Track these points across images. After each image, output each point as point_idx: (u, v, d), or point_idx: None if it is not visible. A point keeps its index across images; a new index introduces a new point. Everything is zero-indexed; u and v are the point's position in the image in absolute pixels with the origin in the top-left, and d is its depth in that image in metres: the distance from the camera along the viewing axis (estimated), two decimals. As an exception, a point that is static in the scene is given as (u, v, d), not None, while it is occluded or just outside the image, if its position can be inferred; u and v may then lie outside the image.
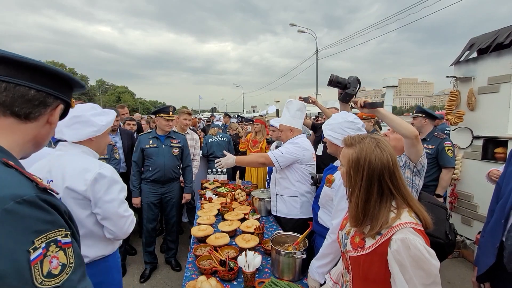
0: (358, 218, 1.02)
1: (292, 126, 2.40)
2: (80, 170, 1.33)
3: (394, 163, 1.00)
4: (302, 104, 2.42)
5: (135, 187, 3.03)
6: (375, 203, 0.99)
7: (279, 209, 2.43)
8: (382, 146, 1.02)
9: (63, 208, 0.65)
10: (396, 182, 0.99)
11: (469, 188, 3.62)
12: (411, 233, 0.92)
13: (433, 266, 0.89)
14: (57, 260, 0.58)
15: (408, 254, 0.89)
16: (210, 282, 1.45)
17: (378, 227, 0.97)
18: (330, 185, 1.67)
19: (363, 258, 1.01)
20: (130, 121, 4.15)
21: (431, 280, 0.90)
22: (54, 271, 0.57)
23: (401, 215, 0.96)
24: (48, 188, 0.64)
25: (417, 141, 1.46)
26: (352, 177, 1.03)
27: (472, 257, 3.34)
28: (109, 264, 1.46)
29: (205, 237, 2.03)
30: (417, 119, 3.11)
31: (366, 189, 0.99)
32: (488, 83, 3.39)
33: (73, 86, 0.81)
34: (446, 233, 1.45)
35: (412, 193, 1.56)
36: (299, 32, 19.02)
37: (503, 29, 3.37)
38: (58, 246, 0.59)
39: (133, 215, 1.50)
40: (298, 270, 1.63)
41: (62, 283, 0.57)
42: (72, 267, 0.61)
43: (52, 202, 0.62)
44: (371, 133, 3.32)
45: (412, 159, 1.55)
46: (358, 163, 1.01)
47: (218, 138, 4.43)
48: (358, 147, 1.04)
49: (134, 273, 3.21)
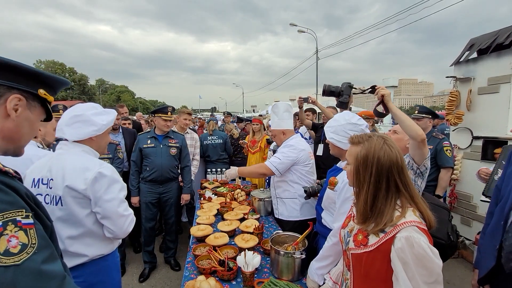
0: (366, 215, 1.03)
1: (283, 128, 2.40)
2: (81, 169, 1.33)
3: (402, 160, 1.02)
4: (287, 104, 2.43)
5: (133, 186, 3.03)
6: (382, 199, 1.00)
7: (280, 211, 2.42)
8: (390, 143, 1.04)
9: (23, 191, 0.67)
10: (405, 179, 1.01)
11: (469, 189, 3.62)
12: (416, 231, 0.92)
13: (436, 265, 0.90)
14: (17, 240, 0.59)
15: (412, 252, 0.89)
16: (209, 282, 1.45)
17: (382, 224, 0.97)
18: (333, 188, 1.66)
19: (365, 255, 1.02)
20: (125, 120, 4.09)
21: (434, 279, 0.90)
22: (12, 249, 0.57)
23: (406, 214, 0.97)
24: (9, 172, 0.66)
25: (423, 145, 1.45)
26: (360, 174, 1.04)
27: (471, 257, 3.34)
28: (108, 264, 1.46)
29: (204, 237, 2.02)
30: (423, 119, 3.04)
31: (375, 185, 1.00)
32: (488, 84, 3.40)
33: (33, 75, 0.79)
34: (448, 234, 1.44)
35: None
36: (299, 32, 19.03)
37: (503, 29, 3.37)
38: (18, 226, 0.60)
39: (132, 214, 1.50)
40: (297, 270, 1.62)
41: (22, 262, 0.58)
42: (34, 248, 0.61)
43: (11, 184, 0.63)
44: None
45: (416, 160, 1.54)
46: (367, 160, 1.02)
47: (214, 139, 4.36)
48: (367, 145, 1.04)
49: (133, 272, 3.21)
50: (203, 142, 4.33)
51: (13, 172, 0.68)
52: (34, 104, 0.81)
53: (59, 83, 0.88)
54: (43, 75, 0.80)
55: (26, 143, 0.83)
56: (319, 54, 19.00)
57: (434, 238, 1.41)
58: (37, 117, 0.83)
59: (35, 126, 0.82)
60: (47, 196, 1.33)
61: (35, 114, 0.82)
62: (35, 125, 0.82)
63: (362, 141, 1.07)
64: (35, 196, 0.71)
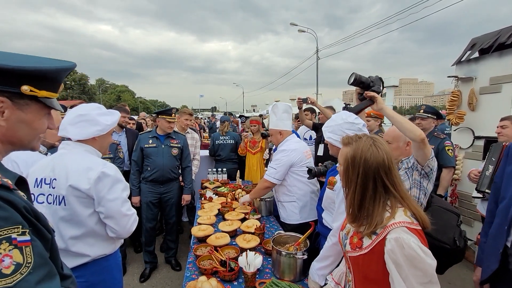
0: (354, 214, 1.04)
1: (280, 128, 2.42)
2: (84, 169, 1.33)
3: (390, 161, 1.02)
4: (287, 105, 2.45)
5: (134, 186, 3.02)
6: (369, 200, 1.00)
7: (282, 216, 2.45)
8: (378, 144, 1.04)
9: (22, 204, 0.61)
10: (392, 179, 1.01)
11: (470, 189, 3.60)
12: (405, 232, 0.92)
13: (428, 265, 0.89)
14: (10, 259, 0.55)
15: (403, 253, 0.89)
16: (210, 283, 1.44)
17: (373, 226, 0.97)
18: (332, 188, 1.66)
19: (361, 258, 1.02)
20: (129, 120, 4.13)
21: (428, 280, 0.90)
22: (5, 270, 0.53)
23: (395, 214, 0.97)
24: (5, 185, 0.61)
25: (424, 145, 1.42)
26: (348, 175, 1.05)
27: (473, 258, 3.33)
28: (110, 263, 1.46)
29: (205, 237, 2.02)
30: (428, 119, 3.01)
31: (362, 186, 1.01)
32: (490, 83, 3.38)
33: (6, 71, 0.66)
34: (455, 239, 1.42)
35: (420, 196, 1.54)
36: (299, 31, 19.01)
37: (505, 29, 3.36)
38: (13, 244, 0.55)
39: (135, 214, 1.50)
40: (299, 270, 1.62)
41: (14, 284, 0.53)
42: (29, 267, 0.57)
43: (7, 198, 0.58)
44: (376, 133, 3.29)
45: (419, 161, 1.51)
46: (354, 161, 1.03)
47: (226, 139, 4.44)
48: (355, 145, 1.06)
49: (134, 272, 3.21)
50: (215, 142, 4.41)
51: (10, 185, 0.62)
52: (25, 102, 0.71)
53: (50, 72, 0.72)
54: (20, 69, 0.66)
55: (33, 142, 0.78)
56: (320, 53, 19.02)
57: (438, 242, 1.40)
58: (35, 115, 0.74)
59: (35, 125, 0.75)
60: (50, 196, 1.33)
61: (30, 112, 0.73)
62: (34, 124, 0.75)
63: (352, 141, 1.08)
64: (34, 208, 0.66)
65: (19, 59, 0.70)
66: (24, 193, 0.72)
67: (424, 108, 3.07)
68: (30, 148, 0.77)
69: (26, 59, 0.72)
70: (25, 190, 0.74)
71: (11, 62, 0.65)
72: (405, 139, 1.71)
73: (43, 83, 0.72)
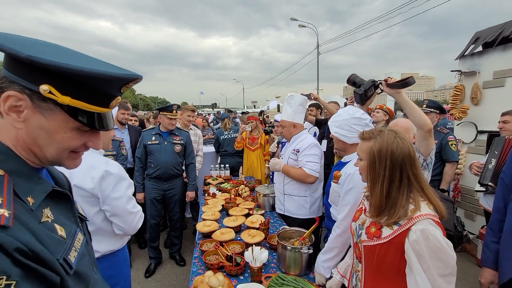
0: (381, 208, 1.04)
1: (295, 121, 2.36)
2: (87, 168, 1.32)
3: (414, 152, 1.04)
4: (304, 98, 2.37)
5: (138, 183, 3.04)
6: (396, 191, 1.01)
7: (287, 208, 2.39)
8: (401, 136, 1.06)
9: (13, 246, 0.46)
10: (416, 171, 1.02)
11: (473, 183, 3.61)
12: (431, 224, 0.94)
13: (451, 257, 0.91)
14: None
15: (427, 244, 0.91)
16: (217, 277, 1.46)
17: (396, 217, 0.99)
18: (337, 181, 1.67)
19: (378, 247, 1.03)
20: (132, 116, 4.14)
21: (449, 271, 0.91)
22: None
23: (420, 207, 0.98)
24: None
25: (430, 135, 1.45)
26: (375, 168, 1.05)
27: (474, 251, 3.36)
28: (118, 258, 1.48)
29: (210, 233, 2.04)
30: (430, 114, 2.96)
31: (389, 178, 1.02)
32: (494, 77, 3.36)
33: (29, 62, 0.51)
34: (455, 225, 1.47)
35: None
36: (300, 26, 18.85)
37: (508, 22, 3.33)
38: None
39: (141, 211, 1.51)
40: (304, 264, 1.64)
41: None
42: None
43: None
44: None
45: (422, 152, 1.54)
46: (381, 154, 1.03)
47: (230, 134, 4.46)
48: (379, 139, 1.06)
49: (139, 268, 3.24)
50: (220, 138, 4.43)
51: (2, 221, 0.47)
52: (48, 106, 0.57)
53: (77, 74, 0.54)
54: (31, 60, 0.51)
55: (59, 157, 0.63)
56: (320, 48, 18.87)
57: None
58: (59, 125, 0.59)
59: (57, 137, 0.59)
60: None
61: (53, 120, 0.58)
62: (56, 136, 0.59)
63: (374, 136, 1.08)
64: (38, 247, 0.50)
65: (77, 59, 0.58)
66: (63, 205, 0.66)
67: (427, 103, 3.03)
68: (57, 163, 0.64)
69: (79, 59, 0.59)
70: (64, 201, 0.66)
71: (44, 55, 0.52)
72: (414, 132, 1.72)
73: (68, 87, 0.56)
